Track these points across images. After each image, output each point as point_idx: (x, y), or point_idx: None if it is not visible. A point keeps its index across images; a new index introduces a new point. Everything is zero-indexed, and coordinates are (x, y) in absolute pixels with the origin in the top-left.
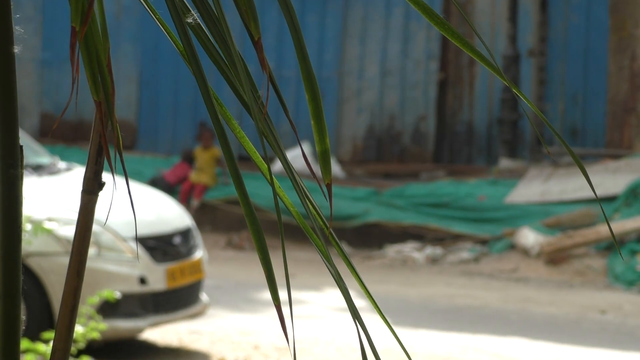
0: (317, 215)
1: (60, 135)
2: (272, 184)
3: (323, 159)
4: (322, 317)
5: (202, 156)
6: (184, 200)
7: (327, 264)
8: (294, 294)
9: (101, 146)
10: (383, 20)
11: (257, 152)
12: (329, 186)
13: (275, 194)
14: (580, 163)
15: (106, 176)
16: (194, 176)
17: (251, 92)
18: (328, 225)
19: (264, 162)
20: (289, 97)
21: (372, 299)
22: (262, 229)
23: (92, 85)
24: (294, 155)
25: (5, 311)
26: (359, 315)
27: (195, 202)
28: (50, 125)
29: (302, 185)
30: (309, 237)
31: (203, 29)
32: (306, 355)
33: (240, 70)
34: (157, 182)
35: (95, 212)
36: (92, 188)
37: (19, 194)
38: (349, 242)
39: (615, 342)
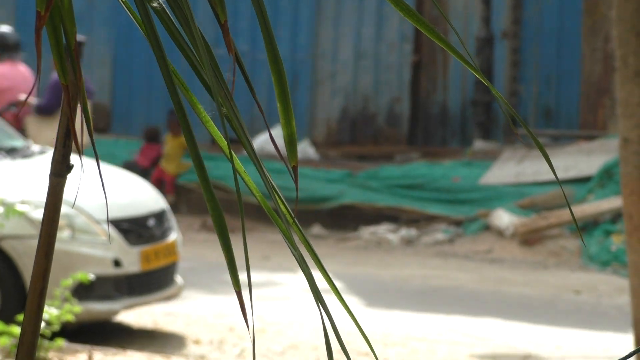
0: (278, 199)
1: None
2: (231, 161)
3: (289, 141)
4: (297, 299)
5: (171, 144)
6: (156, 187)
7: (290, 247)
8: (268, 276)
9: (69, 129)
10: (357, 3)
11: (222, 138)
12: (294, 168)
13: (235, 172)
14: (541, 145)
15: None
16: (164, 163)
17: (215, 75)
18: (291, 209)
19: (224, 141)
20: (263, 80)
21: (331, 282)
22: (230, 210)
23: (59, 69)
24: (268, 138)
25: None
26: (322, 299)
27: (169, 198)
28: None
29: (263, 166)
30: (272, 219)
31: (167, 13)
32: (281, 337)
33: (203, 53)
34: (131, 168)
35: (63, 195)
36: (60, 171)
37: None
38: (323, 224)
39: (590, 322)
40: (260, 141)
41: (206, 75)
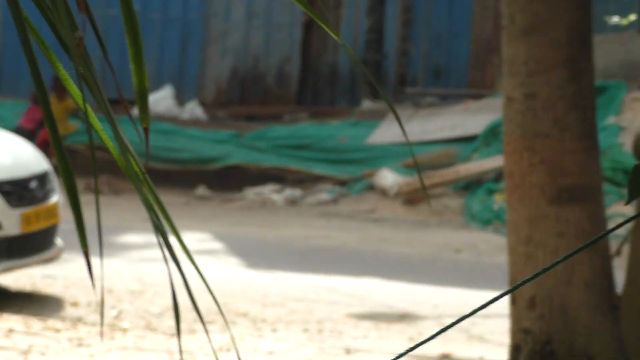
0: (131, 157)
1: None
2: (87, 119)
3: (141, 101)
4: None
5: (56, 107)
6: (43, 151)
7: (145, 205)
8: (149, 237)
9: None
10: None
11: (80, 96)
12: (146, 130)
13: (89, 128)
14: (393, 105)
15: None
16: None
17: (71, 32)
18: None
19: (83, 102)
20: (153, 39)
21: (180, 239)
22: (113, 171)
23: None
24: (157, 97)
25: None
26: (174, 253)
27: (54, 160)
28: None
29: (116, 122)
30: (128, 177)
31: None
32: (160, 299)
33: (61, 10)
34: (17, 132)
35: None
36: None
37: None
38: (208, 185)
39: (469, 280)
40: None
41: (63, 34)
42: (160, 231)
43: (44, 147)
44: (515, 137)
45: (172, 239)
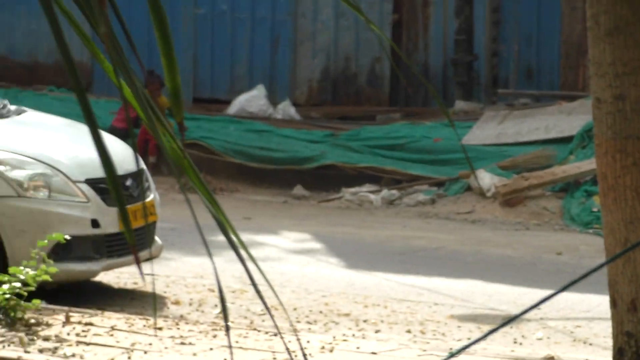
0: (175, 147)
1: (14, 78)
2: (128, 122)
3: (175, 96)
4: (278, 260)
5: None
6: (142, 150)
7: (201, 194)
8: (249, 236)
9: None
10: None
11: (122, 81)
12: (180, 124)
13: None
14: (444, 107)
15: (55, 119)
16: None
17: (106, 27)
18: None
19: (126, 87)
20: (243, 38)
21: (235, 233)
22: (211, 170)
23: None
24: (250, 97)
25: None
26: (238, 250)
27: (151, 159)
28: (3, 67)
29: (165, 122)
30: (185, 172)
31: None
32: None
33: (94, 5)
34: (111, 132)
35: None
36: None
37: None
38: (305, 185)
39: None
40: (240, 101)
41: (97, 29)
42: (220, 226)
43: (144, 145)
44: (607, 139)
45: (269, 237)
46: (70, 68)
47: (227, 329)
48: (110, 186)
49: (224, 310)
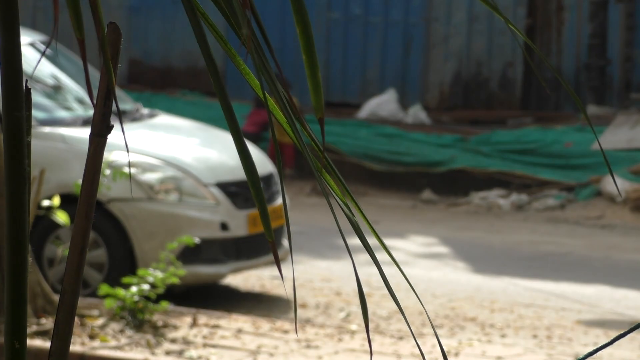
0: (319, 150)
1: (148, 81)
2: (270, 115)
3: (315, 93)
4: (404, 263)
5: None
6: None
7: (337, 197)
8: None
9: (109, 89)
10: None
11: (262, 88)
12: (321, 120)
13: (272, 130)
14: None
15: (187, 123)
16: (278, 134)
17: (248, 29)
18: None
19: (269, 97)
20: (375, 42)
21: (378, 236)
22: (341, 173)
23: (74, 24)
24: (381, 101)
25: (12, 266)
26: (373, 253)
27: (288, 171)
28: (138, 71)
29: (305, 122)
30: (319, 173)
31: None
32: (387, 302)
33: (237, 6)
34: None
35: (103, 155)
36: (100, 131)
37: (23, 137)
38: (434, 189)
39: None
40: (371, 105)
41: (239, 31)
42: (353, 225)
43: (274, 156)
44: None
45: (397, 241)
46: (213, 69)
47: (368, 333)
48: (251, 186)
49: (364, 310)
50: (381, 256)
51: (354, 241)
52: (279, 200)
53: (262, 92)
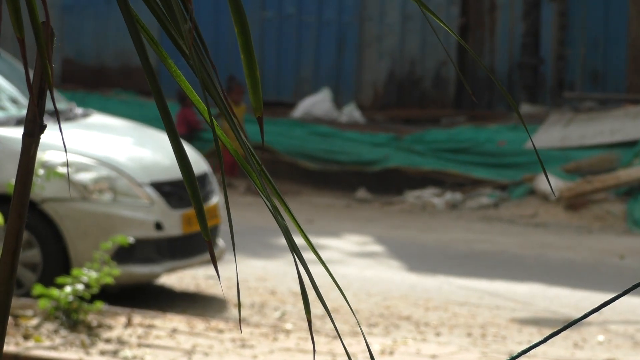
0: (252, 155)
1: (81, 81)
2: (212, 125)
3: (253, 92)
4: (339, 262)
5: (237, 113)
6: (231, 171)
7: (264, 198)
8: (312, 239)
9: (43, 88)
10: None
11: (194, 92)
12: (260, 120)
13: (215, 136)
14: (519, 113)
15: (120, 122)
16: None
17: (182, 28)
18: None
19: (202, 103)
20: (309, 41)
21: (305, 236)
22: (275, 173)
23: (14, 22)
24: (315, 100)
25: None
26: (299, 251)
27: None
28: (71, 70)
29: (239, 124)
30: (248, 175)
31: None
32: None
33: (175, 5)
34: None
35: (36, 155)
36: (32, 131)
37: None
38: (368, 188)
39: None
40: (305, 104)
41: (176, 35)
42: (283, 228)
43: (231, 170)
44: None
45: (331, 240)
46: (148, 70)
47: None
48: (187, 185)
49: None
50: (313, 255)
51: (282, 241)
52: (213, 200)
53: (191, 91)
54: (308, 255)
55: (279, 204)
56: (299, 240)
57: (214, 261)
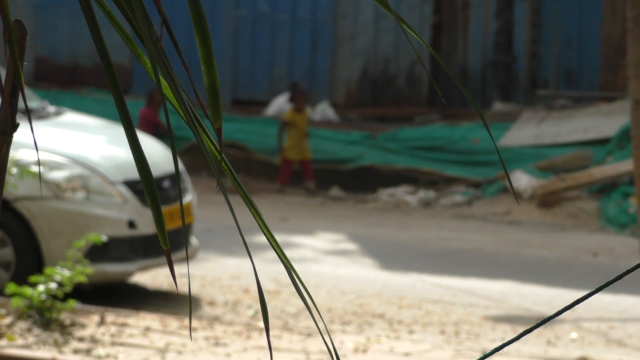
0: (212, 149)
1: (55, 79)
2: (169, 128)
3: (213, 103)
4: (313, 261)
5: (300, 121)
6: (286, 179)
7: (226, 197)
8: (285, 237)
9: (15, 86)
10: None
11: (169, 88)
12: (218, 131)
13: (170, 134)
14: (482, 113)
15: (94, 121)
16: (291, 145)
17: (147, 30)
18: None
19: (176, 101)
20: (282, 40)
21: (272, 236)
22: (249, 171)
23: None
24: (288, 99)
25: None
26: (249, 252)
27: (310, 184)
28: (45, 69)
29: (199, 119)
30: (211, 170)
31: None
32: (296, 299)
33: (137, 9)
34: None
35: (9, 154)
36: (4, 129)
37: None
38: (342, 186)
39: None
40: (279, 103)
41: (141, 32)
42: (240, 231)
43: (287, 181)
44: None
45: (305, 238)
46: (108, 67)
47: (267, 330)
48: (145, 189)
49: (264, 311)
50: (291, 253)
51: (262, 238)
52: (186, 198)
53: (166, 88)
54: (290, 253)
55: (245, 201)
56: (280, 238)
57: (170, 266)
